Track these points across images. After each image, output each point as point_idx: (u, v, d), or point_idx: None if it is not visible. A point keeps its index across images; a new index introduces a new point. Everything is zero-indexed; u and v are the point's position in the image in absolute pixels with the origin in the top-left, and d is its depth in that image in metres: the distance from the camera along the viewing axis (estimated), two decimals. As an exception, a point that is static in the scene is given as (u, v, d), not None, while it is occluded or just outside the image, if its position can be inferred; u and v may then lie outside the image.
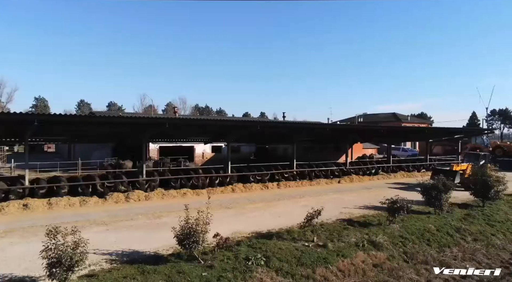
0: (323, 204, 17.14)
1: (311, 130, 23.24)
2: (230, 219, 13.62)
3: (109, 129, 18.34)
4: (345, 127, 26.10)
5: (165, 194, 17.07)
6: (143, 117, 15.73)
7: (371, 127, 27.88)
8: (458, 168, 21.88)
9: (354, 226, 13.23)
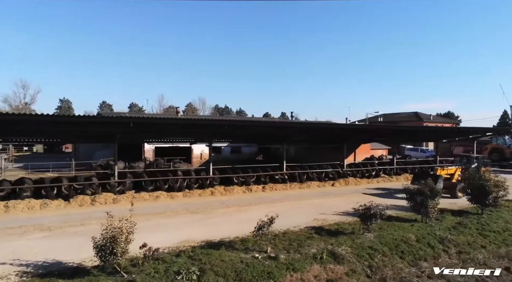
0: (302, 208, 16.20)
1: (305, 130, 21.97)
2: (189, 225, 12.79)
3: (92, 129, 17.86)
4: (343, 127, 24.58)
5: (135, 196, 16.44)
6: (106, 117, 15.17)
7: (371, 127, 26.19)
8: (443, 172, 19.46)
9: (321, 234, 12.06)
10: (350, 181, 23.92)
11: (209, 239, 11.19)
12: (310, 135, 25.42)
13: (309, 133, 24.35)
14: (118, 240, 7.97)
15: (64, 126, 16.11)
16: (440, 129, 27.68)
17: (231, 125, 18.06)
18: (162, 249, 10.09)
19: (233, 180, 19.89)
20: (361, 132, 25.03)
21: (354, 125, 26.31)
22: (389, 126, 23.92)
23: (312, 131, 23.62)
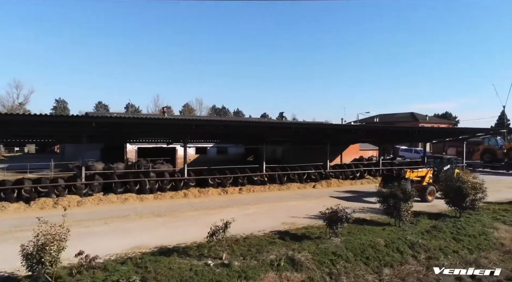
0: (275, 211, 15.64)
1: (284, 130, 21.39)
2: (149, 230, 12.21)
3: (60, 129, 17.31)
4: (323, 127, 24.02)
5: (102, 199, 15.89)
6: (63, 116, 14.64)
7: (351, 127, 25.60)
8: (413, 175, 18.35)
9: (285, 239, 11.52)
10: (332, 182, 23.39)
11: (164, 244, 10.63)
12: (294, 136, 24.84)
13: (292, 134, 23.77)
14: (48, 248, 7.40)
15: (29, 125, 15.59)
16: (426, 129, 27.08)
17: (200, 125, 17.47)
18: (110, 255, 9.57)
19: (208, 181, 19.32)
20: (342, 133, 24.42)
21: (334, 125, 25.61)
22: (371, 127, 23.32)
23: (295, 131, 23.00)
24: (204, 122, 17.95)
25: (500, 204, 18.25)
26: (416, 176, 18.34)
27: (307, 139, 28.24)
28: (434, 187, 18.14)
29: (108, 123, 14.68)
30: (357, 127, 19.79)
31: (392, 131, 26.20)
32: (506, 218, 15.66)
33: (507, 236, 13.81)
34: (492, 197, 20.26)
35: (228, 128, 19.27)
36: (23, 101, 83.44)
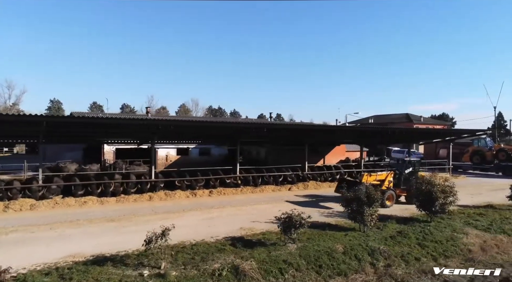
0: (238, 216, 14.97)
1: (257, 131, 20.74)
2: (93, 236, 11.52)
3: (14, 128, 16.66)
4: (296, 128, 23.35)
5: (59, 202, 15.22)
6: (13, 115, 14.00)
7: (326, 128, 24.95)
8: (371, 179, 16.93)
9: (236, 246, 10.88)
10: (309, 184, 22.77)
11: (103, 252, 9.96)
12: (270, 137, 24.21)
13: (267, 134, 23.09)
14: None
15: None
16: (406, 130, 26.48)
17: (165, 125, 16.80)
18: (37, 265, 8.91)
19: (175, 184, 18.67)
20: (320, 133, 23.76)
21: (309, 125, 24.85)
22: (349, 128, 22.71)
23: (269, 132, 22.29)
24: (171, 122, 17.23)
25: (477, 208, 17.65)
26: (374, 179, 17.04)
27: (289, 140, 27.64)
28: (393, 191, 17.16)
29: (62, 123, 14.02)
30: (334, 128, 19.17)
31: (372, 132, 25.58)
32: (479, 222, 15.06)
33: (476, 241, 13.20)
34: (471, 200, 19.80)
35: (196, 129, 18.63)
36: (16, 101, 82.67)
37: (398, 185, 17.75)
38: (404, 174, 17.70)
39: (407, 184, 17.54)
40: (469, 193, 22.35)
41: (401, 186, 17.70)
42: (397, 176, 17.82)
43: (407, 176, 17.72)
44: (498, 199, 19.28)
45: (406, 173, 17.74)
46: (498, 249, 13.14)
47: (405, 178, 17.68)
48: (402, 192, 17.71)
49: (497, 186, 25.58)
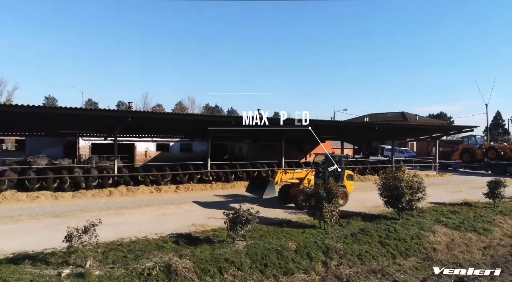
0: (195, 212, 14.15)
1: (225, 124, 19.86)
2: (25, 233, 10.68)
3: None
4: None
5: (7, 197, 14.38)
6: None
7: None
8: (288, 176, 14.86)
9: (178, 243, 10.11)
10: (284, 181, 21.96)
11: (27, 250, 9.16)
12: (244, 132, 23.37)
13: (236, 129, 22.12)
14: None
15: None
16: (387, 126, 25.68)
17: (123, 117, 15.95)
18: None
19: (138, 179, 17.89)
20: (297, 129, 22.84)
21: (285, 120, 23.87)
22: (326, 122, 21.89)
23: (237, 126, 21.33)
24: (129, 114, 16.36)
25: (452, 205, 16.94)
26: (291, 178, 14.98)
27: (268, 136, 26.86)
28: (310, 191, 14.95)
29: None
30: (311, 123, 18.41)
31: (350, 127, 24.81)
32: (450, 220, 14.36)
33: (443, 240, 12.49)
34: (449, 197, 19.08)
35: (161, 122, 17.82)
36: (8, 98, 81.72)
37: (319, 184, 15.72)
38: (327, 171, 15.57)
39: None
40: (449, 191, 21.74)
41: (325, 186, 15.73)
42: (320, 174, 15.74)
43: (331, 174, 15.67)
44: (477, 197, 18.58)
45: (330, 170, 15.64)
46: (466, 247, 12.47)
47: (329, 176, 15.50)
48: None
49: (481, 184, 24.81)
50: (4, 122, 15.38)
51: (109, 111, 16.46)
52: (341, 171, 15.89)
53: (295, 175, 15.02)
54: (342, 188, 15.10)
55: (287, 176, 14.78)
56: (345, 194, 15.59)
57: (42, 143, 36.95)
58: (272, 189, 14.17)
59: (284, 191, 15.68)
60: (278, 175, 14.53)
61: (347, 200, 15.70)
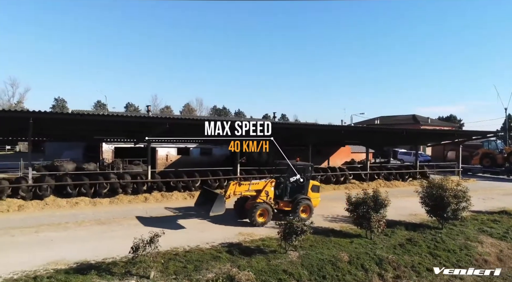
0: (234, 220, 14.04)
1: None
2: (79, 240, 10.71)
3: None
4: (289, 127, 22.40)
5: (49, 203, 14.38)
6: None
7: (326, 128, 23.97)
8: (242, 189, 12.97)
9: (233, 253, 10.07)
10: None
11: (87, 259, 9.17)
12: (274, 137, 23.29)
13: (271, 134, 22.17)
14: None
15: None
16: (415, 131, 25.52)
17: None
18: (15, 273, 8.13)
19: (171, 184, 17.92)
20: (322, 133, 22.79)
21: (312, 125, 23.79)
22: (353, 128, 21.84)
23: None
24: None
25: (490, 214, 16.70)
26: (246, 190, 13.08)
27: (291, 141, 26.82)
28: (269, 205, 13.13)
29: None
30: (339, 128, 18.32)
31: (379, 132, 24.61)
32: (494, 230, 14.16)
33: (492, 251, 12.32)
34: (483, 205, 18.82)
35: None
36: (19, 99, 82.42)
37: (281, 196, 13.89)
38: (289, 182, 13.89)
39: (293, 195, 13.92)
40: (480, 197, 21.38)
41: (285, 198, 13.91)
42: (282, 185, 13.98)
43: (294, 185, 13.99)
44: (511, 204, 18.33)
45: (292, 181, 13.89)
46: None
47: (291, 188, 13.97)
48: (287, 205, 13.87)
49: (509, 190, 24.61)
50: (39, 128, 15.44)
51: (149, 118, 16.53)
52: (304, 182, 14.02)
53: (252, 187, 13.17)
54: (305, 200, 13.74)
55: (241, 188, 12.91)
56: (309, 207, 13.84)
57: (61, 145, 37.26)
58: (220, 205, 11.85)
59: (240, 204, 13.76)
60: (231, 188, 12.72)
61: (312, 214, 13.80)
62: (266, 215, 13.05)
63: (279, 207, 13.89)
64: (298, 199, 13.70)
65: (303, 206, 13.72)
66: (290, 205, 13.78)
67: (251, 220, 12.77)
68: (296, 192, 13.96)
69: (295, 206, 13.54)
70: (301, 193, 14.00)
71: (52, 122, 15.21)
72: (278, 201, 13.86)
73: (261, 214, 13.00)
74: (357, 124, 58.30)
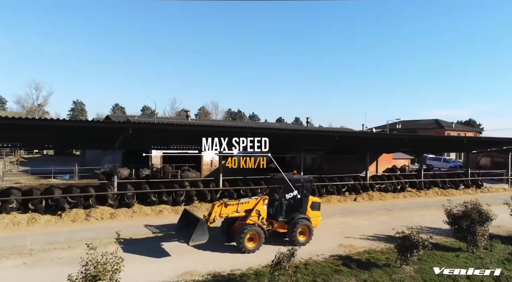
0: (324, 231, 14.02)
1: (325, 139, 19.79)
2: (193, 251, 10.84)
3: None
4: (357, 136, 22.38)
5: (136, 211, 14.68)
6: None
7: (393, 136, 23.84)
8: (230, 210, 11.02)
9: (350, 266, 10.03)
10: (374, 195, 21.72)
11: (216, 270, 9.28)
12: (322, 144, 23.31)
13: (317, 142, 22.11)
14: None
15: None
16: (465, 139, 25.09)
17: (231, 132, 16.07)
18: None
19: (241, 192, 18.00)
20: (381, 141, 22.69)
21: (372, 133, 23.76)
22: (417, 136, 21.65)
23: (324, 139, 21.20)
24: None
25: None
26: (234, 211, 11.14)
27: (340, 148, 26.77)
28: (260, 228, 11.15)
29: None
30: (405, 137, 18.20)
31: (431, 141, 24.30)
32: None
33: None
34: None
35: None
36: (42, 103, 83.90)
37: (275, 215, 12.00)
38: (285, 199, 12.14)
39: (290, 215, 12.04)
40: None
41: (280, 218, 11.97)
42: (276, 203, 12.11)
43: (291, 203, 12.26)
44: None
45: (288, 198, 12.10)
46: None
47: (288, 206, 12.25)
48: (282, 226, 11.95)
49: None
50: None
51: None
52: (302, 198, 12.12)
53: (240, 207, 11.21)
54: (303, 220, 11.85)
55: (228, 210, 11.02)
56: (308, 228, 11.92)
57: (101, 150, 37.72)
58: (202, 232, 10.00)
59: (227, 225, 11.71)
60: (215, 210, 10.80)
61: (311, 236, 11.95)
62: (257, 239, 10.99)
63: (273, 228, 11.93)
64: (296, 219, 11.74)
65: (301, 227, 11.74)
66: (285, 226, 11.84)
67: (239, 246, 10.73)
68: (293, 211, 12.08)
69: (291, 228, 11.63)
70: (299, 211, 12.08)
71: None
72: (272, 221, 11.93)
73: (251, 238, 10.94)
74: (378, 129, 57.60)
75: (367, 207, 19.16)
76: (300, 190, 12.08)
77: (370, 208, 18.83)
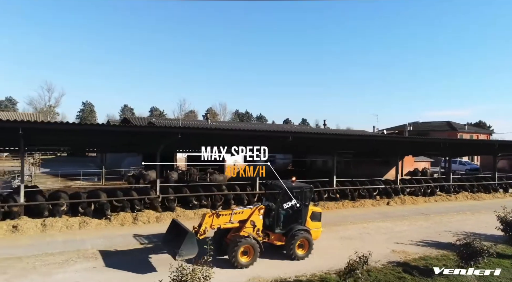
0: (370, 235, 14.01)
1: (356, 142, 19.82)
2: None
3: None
4: (394, 140, 22.30)
5: (180, 215, 14.75)
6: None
7: (428, 140, 23.70)
8: (222, 221, 10.16)
9: (412, 274, 9.97)
10: (406, 199, 21.61)
11: (281, 276, 9.30)
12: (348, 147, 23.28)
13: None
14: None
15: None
16: (487, 143, 24.80)
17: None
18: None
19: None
20: (414, 145, 22.61)
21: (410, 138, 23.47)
22: (450, 141, 21.49)
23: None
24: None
25: None
26: (227, 222, 10.30)
27: (365, 151, 26.69)
28: (255, 241, 10.18)
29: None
30: (438, 141, 18.11)
31: (458, 145, 24.08)
32: None
33: None
34: None
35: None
36: (54, 104, 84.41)
37: (272, 227, 11.04)
38: (282, 209, 11.09)
39: (288, 226, 11.08)
40: None
41: (277, 229, 11.03)
42: (273, 213, 11.14)
43: (289, 213, 11.23)
44: None
45: (286, 208, 11.06)
46: None
47: (285, 216, 11.22)
48: (279, 239, 11.02)
49: None
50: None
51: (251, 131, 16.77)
52: (301, 207, 11.21)
53: (234, 217, 10.39)
54: (303, 232, 10.89)
55: (220, 221, 10.16)
56: (308, 241, 10.93)
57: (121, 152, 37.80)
58: (190, 246, 9.01)
59: (219, 236, 10.75)
60: (206, 221, 9.94)
61: (311, 249, 10.95)
62: (252, 253, 10.04)
63: (269, 240, 10.99)
64: (294, 231, 10.82)
65: (300, 240, 10.78)
66: (283, 238, 10.94)
67: (232, 260, 9.81)
68: (292, 222, 11.14)
69: (289, 240, 10.71)
70: (298, 222, 11.18)
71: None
72: (269, 232, 11.00)
73: (244, 252, 10.00)
74: (388, 131, 57.16)
75: (401, 211, 19.03)
76: (299, 199, 11.14)
77: (405, 213, 18.69)
